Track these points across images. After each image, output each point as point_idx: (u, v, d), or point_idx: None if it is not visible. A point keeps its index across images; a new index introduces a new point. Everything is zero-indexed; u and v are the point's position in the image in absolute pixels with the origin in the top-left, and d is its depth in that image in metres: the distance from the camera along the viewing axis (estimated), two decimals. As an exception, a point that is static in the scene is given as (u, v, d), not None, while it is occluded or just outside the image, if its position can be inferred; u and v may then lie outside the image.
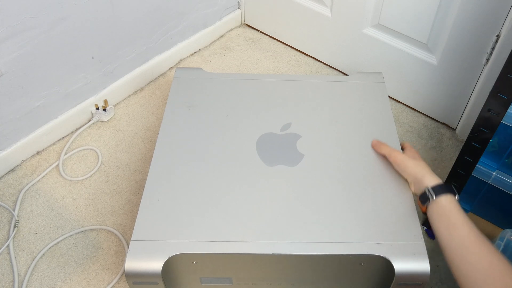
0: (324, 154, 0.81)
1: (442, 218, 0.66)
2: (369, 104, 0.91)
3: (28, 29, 0.92)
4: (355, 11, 1.14)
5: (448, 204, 0.67)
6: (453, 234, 0.64)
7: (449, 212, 0.66)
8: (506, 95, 0.73)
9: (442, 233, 0.66)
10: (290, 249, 0.68)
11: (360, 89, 0.94)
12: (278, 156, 0.81)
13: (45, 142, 1.09)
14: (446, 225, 0.65)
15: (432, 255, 0.91)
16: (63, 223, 0.96)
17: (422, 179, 0.72)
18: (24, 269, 0.89)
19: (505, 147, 0.80)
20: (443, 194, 0.68)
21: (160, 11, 1.17)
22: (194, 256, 0.69)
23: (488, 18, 0.93)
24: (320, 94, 0.93)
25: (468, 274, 0.60)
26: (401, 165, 0.77)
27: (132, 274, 0.68)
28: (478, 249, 0.61)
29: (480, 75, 1.02)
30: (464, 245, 0.62)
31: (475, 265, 0.59)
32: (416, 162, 0.75)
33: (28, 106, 1.01)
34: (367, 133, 0.85)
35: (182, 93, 0.93)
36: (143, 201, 0.74)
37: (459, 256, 0.62)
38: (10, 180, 1.04)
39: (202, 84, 0.95)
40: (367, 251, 0.68)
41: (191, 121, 0.87)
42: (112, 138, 1.12)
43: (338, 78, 0.98)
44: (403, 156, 0.78)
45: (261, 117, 0.88)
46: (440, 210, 0.67)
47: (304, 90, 0.94)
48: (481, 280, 0.58)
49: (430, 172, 0.73)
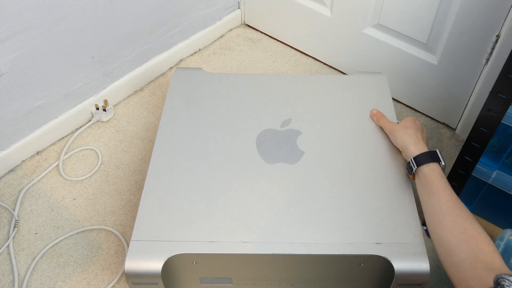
0: (324, 152, 0.81)
1: (425, 187, 0.69)
2: (371, 103, 0.91)
3: (28, 29, 0.92)
4: (355, 11, 1.14)
5: (430, 173, 0.69)
6: (433, 201, 0.66)
7: (430, 181, 0.68)
8: (506, 95, 0.73)
9: (424, 200, 0.69)
10: (290, 249, 0.68)
11: (363, 88, 0.94)
12: (278, 153, 0.80)
13: (45, 142, 1.09)
14: (428, 192, 0.68)
15: (432, 255, 0.91)
16: (63, 223, 0.96)
17: (407, 148, 0.74)
18: (24, 269, 0.89)
19: (505, 147, 0.80)
20: (425, 164, 0.70)
21: (160, 11, 1.17)
22: (194, 256, 0.69)
23: (488, 18, 0.93)
24: (321, 93, 0.93)
25: (443, 237, 0.62)
26: (392, 135, 0.80)
27: (132, 274, 0.68)
28: (454, 215, 0.63)
29: (480, 75, 1.02)
30: (442, 210, 0.65)
31: (450, 230, 0.62)
32: (405, 131, 0.77)
33: (28, 106, 1.01)
34: (368, 132, 0.85)
35: (181, 92, 0.92)
36: (143, 201, 0.74)
37: (436, 220, 0.65)
38: (10, 180, 1.04)
39: (201, 84, 0.94)
40: (367, 251, 0.68)
41: (190, 120, 0.87)
42: (112, 138, 1.12)
43: (340, 78, 0.98)
44: (395, 126, 0.80)
45: (260, 114, 0.88)
46: (422, 178, 0.70)
47: (305, 89, 0.94)
48: (454, 244, 0.61)
49: (416, 141, 0.74)
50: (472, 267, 0.57)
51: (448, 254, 0.61)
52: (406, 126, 0.78)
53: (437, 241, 0.64)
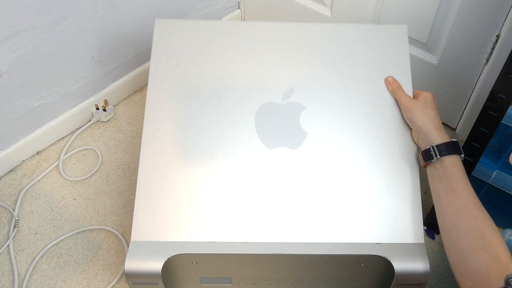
0: (327, 136, 0.75)
1: (442, 180, 0.63)
2: (387, 64, 0.79)
3: (28, 29, 0.92)
4: (355, 11, 1.14)
5: (452, 166, 0.63)
6: (451, 199, 0.61)
7: (450, 175, 0.63)
8: (506, 95, 0.73)
9: (439, 195, 0.63)
10: (290, 249, 0.68)
11: (377, 44, 0.81)
12: (279, 135, 0.74)
13: (45, 142, 1.09)
14: (445, 188, 0.62)
15: (432, 255, 0.91)
16: (63, 223, 0.96)
17: (428, 133, 0.67)
18: (24, 269, 0.89)
19: (505, 147, 0.80)
20: (448, 155, 0.63)
21: (160, 11, 1.17)
22: (194, 256, 0.69)
23: (488, 18, 0.93)
24: (330, 49, 0.80)
25: (458, 242, 0.59)
26: (409, 112, 0.71)
27: (132, 274, 0.68)
28: (472, 217, 0.59)
29: (480, 75, 1.02)
30: (459, 211, 0.60)
31: (466, 234, 0.58)
32: (426, 113, 0.69)
33: (28, 106, 1.01)
34: (378, 109, 0.76)
35: (168, 51, 0.80)
36: (138, 198, 0.72)
37: (452, 222, 0.60)
38: (10, 180, 1.04)
39: (189, 38, 0.80)
40: (367, 251, 0.68)
41: (178, 100, 0.77)
42: (112, 138, 1.12)
43: (350, 27, 0.82)
44: (414, 103, 0.71)
45: (260, 80, 0.77)
46: (441, 170, 0.64)
47: (310, 42, 0.81)
48: (470, 251, 0.57)
49: (438, 126, 0.67)
50: (486, 276, 0.54)
51: (461, 261, 0.57)
52: (427, 106, 0.69)
53: (450, 246, 0.60)
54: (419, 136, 0.69)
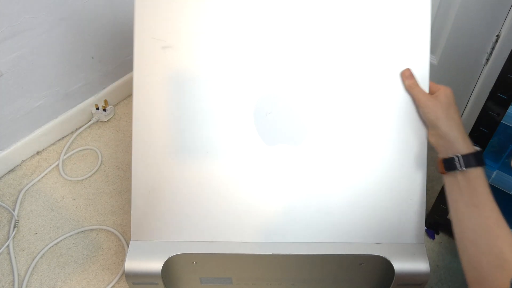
0: (329, 133, 0.70)
1: (463, 193, 0.59)
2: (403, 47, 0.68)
3: (28, 29, 0.92)
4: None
5: (476, 179, 0.59)
6: (472, 215, 0.57)
7: (473, 189, 0.58)
8: (506, 95, 0.73)
9: (459, 208, 0.59)
10: (290, 249, 0.68)
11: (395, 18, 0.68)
12: (280, 131, 0.69)
13: (45, 142, 1.09)
14: (466, 202, 0.58)
15: (432, 255, 0.91)
16: (63, 223, 0.96)
17: (454, 142, 0.61)
18: (24, 269, 0.89)
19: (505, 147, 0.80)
20: (473, 167, 0.59)
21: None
22: (194, 256, 0.69)
23: (488, 18, 0.93)
24: (342, 24, 0.68)
25: (475, 261, 0.55)
26: (430, 114, 0.64)
27: (132, 274, 0.68)
28: (493, 236, 0.55)
29: (480, 75, 1.02)
30: (480, 229, 0.56)
31: (485, 254, 0.54)
32: (449, 116, 0.63)
33: (28, 106, 1.01)
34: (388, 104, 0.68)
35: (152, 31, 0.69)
36: (133, 197, 0.70)
37: (470, 239, 0.57)
38: (10, 180, 1.04)
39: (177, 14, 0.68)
40: (367, 251, 0.68)
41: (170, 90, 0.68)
42: (112, 138, 1.12)
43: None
44: (435, 102, 0.64)
45: (257, 67, 0.68)
46: (464, 183, 0.59)
47: (321, 16, 0.68)
48: (488, 271, 0.54)
49: (464, 134, 0.62)
50: None
51: (478, 281, 0.54)
52: (451, 108, 0.63)
53: (468, 264, 0.56)
54: (439, 140, 0.63)
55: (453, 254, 0.92)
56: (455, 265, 0.90)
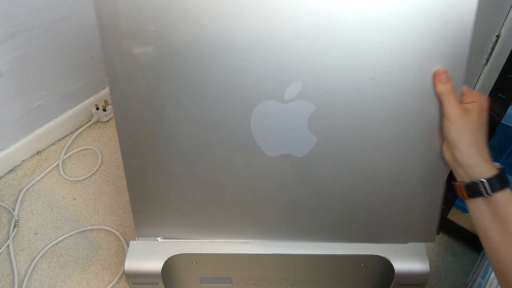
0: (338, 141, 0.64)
1: (494, 220, 0.54)
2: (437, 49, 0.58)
3: (28, 29, 0.92)
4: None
5: (505, 203, 0.53)
6: (508, 243, 0.53)
7: (506, 214, 0.53)
8: (506, 95, 0.73)
9: (492, 237, 0.54)
10: (290, 249, 0.68)
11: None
12: (282, 142, 0.63)
13: (45, 142, 1.09)
14: (499, 230, 0.53)
15: (432, 255, 0.91)
16: (63, 223, 0.96)
17: (476, 166, 0.54)
18: (24, 269, 0.89)
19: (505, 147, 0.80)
20: (500, 190, 0.53)
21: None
22: (194, 256, 0.69)
23: (488, 18, 0.93)
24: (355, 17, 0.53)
25: None
26: (454, 133, 0.55)
27: (132, 274, 0.68)
28: None
29: (480, 75, 1.02)
30: None
31: None
32: (476, 139, 0.54)
33: (28, 106, 1.01)
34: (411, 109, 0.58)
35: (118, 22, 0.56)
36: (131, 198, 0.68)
37: (510, 269, 0.52)
38: (10, 180, 1.04)
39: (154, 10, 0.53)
40: (367, 251, 0.68)
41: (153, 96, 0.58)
42: (112, 138, 1.12)
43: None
44: (464, 122, 0.55)
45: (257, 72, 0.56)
46: (492, 207, 0.54)
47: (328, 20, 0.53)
48: None
49: (487, 158, 0.54)
50: None
51: None
52: (481, 127, 0.55)
53: None
54: (456, 162, 0.56)
55: (453, 254, 0.92)
56: (455, 265, 0.90)
